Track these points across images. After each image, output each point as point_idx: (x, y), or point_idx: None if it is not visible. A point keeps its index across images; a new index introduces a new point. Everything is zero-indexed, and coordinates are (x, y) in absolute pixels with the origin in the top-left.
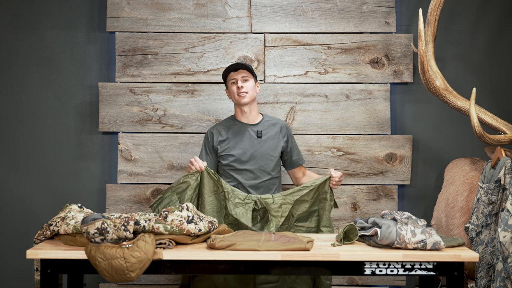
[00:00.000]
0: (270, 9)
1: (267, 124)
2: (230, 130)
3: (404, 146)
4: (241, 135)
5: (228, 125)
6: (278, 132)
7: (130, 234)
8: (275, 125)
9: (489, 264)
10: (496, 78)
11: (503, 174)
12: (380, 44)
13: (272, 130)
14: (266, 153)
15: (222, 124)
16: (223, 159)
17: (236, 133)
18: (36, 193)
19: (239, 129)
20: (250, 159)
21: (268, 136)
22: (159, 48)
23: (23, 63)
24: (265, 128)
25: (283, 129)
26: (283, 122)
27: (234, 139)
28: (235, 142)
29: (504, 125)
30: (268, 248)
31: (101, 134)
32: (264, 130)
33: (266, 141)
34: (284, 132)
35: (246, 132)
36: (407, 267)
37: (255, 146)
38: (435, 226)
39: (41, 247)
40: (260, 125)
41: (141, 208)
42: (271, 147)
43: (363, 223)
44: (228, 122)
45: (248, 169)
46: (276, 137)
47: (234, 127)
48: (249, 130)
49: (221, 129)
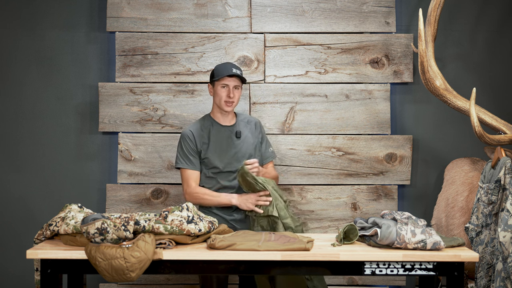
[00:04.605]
0: (270, 9)
1: (243, 123)
2: (210, 133)
3: (404, 146)
4: (221, 137)
5: (207, 127)
6: (253, 130)
7: (130, 234)
8: (250, 123)
9: (489, 264)
10: (496, 78)
11: (503, 174)
12: (380, 44)
13: (248, 129)
14: (247, 153)
15: (200, 126)
16: (205, 163)
17: (216, 136)
18: (36, 193)
19: (219, 131)
20: (232, 161)
21: (245, 135)
22: (159, 48)
23: (23, 63)
24: (242, 128)
25: (257, 125)
26: (255, 118)
27: (214, 142)
28: (216, 145)
29: (504, 125)
30: (268, 248)
31: (101, 134)
32: (242, 130)
33: (244, 140)
34: (258, 129)
35: (225, 134)
36: (407, 267)
37: (236, 147)
38: (435, 226)
39: (41, 247)
40: (237, 125)
41: (141, 208)
42: (250, 146)
43: (363, 223)
44: (205, 123)
45: (231, 171)
46: (253, 134)
47: (213, 129)
48: (228, 131)
49: (201, 131)
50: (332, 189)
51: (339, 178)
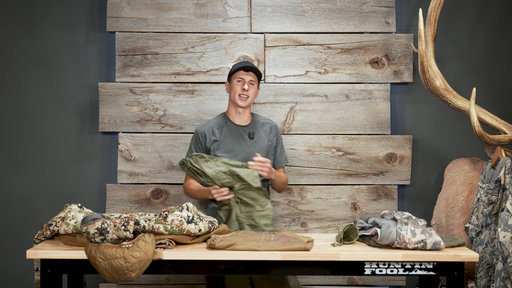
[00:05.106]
0: (270, 9)
1: (258, 124)
2: (223, 131)
3: (404, 146)
4: (233, 136)
5: (221, 125)
6: (268, 133)
7: (130, 234)
8: (265, 125)
9: (489, 264)
10: (496, 78)
11: (503, 174)
12: (380, 44)
13: (263, 131)
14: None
15: (214, 124)
16: None
17: (229, 134)
18: (36, 193)
19: (232, 130)
20: (242, 161)
21: (259, 136)
22: (159, 48)
23: (23, 63)
24: (256, 129)
25: (272, 128)
26: (273, 122)
27: (226, 140)
28: (228, 144)
29: (504, 125)
30: (268, 248)
31: (101, 134)
32: (256, 131)
33: (257, 142)
34: (274, 132)
35: (238, 134)
36: (407, 267)
37: (248, 148)
38: (435, 226)
39: (41, 247)
40: (252, 126)
41: (141, 208)
42: (263, 148)
43: (363, 223)
44: (220, 121)
45: None
46: (267, 137)
47: (226, 127)
48: (241, 131)
49: (214, 129)
50: (332, 189)
51: (339, 178)
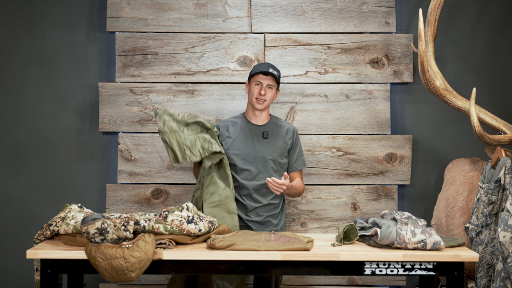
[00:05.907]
0: (270, 9)
1: (275, 126)
2: (237, 128)
3: (404, 146)
4: (247, 134)
5: (236, 123)
6: (284, 135)
7: (130, 234)
8: (282, 128)
9: (489, 264)
10: (496, 78)
11: (503, 174)
12: (380, 44)
13: (278, 132)
14: (269, 154)
15: (231, 120)
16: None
17: (242, 132)
18: (36, 193)
19: (246, 128)
20: (253, 160)
21: (273, 137)
22: (159, 48)
23: (23, 63)
24: (272, 130)
25: (289, 132)
26: (292, 125)
27: (239, 137)
28: (240, 141)
29: (504, 125)
30: (268, 248)
31: (101, 134)
32: (271, 132)
33: (271, 142)
34: (290, 135)
35: (252, 132)
36: (407, 267)
37: (261, 147)
38: (435, 226)
39: (41, 247)
40: (267, 126)
41: (141, 208)
42: (276, 150)
43: (363, 223)
44: (237, 119)
45: (249, 169)
46: (282, 139)
47: (241, 125)
48: (256, 130)
49: (229, 125)
50: (332, 189)
51: (339, 178)
